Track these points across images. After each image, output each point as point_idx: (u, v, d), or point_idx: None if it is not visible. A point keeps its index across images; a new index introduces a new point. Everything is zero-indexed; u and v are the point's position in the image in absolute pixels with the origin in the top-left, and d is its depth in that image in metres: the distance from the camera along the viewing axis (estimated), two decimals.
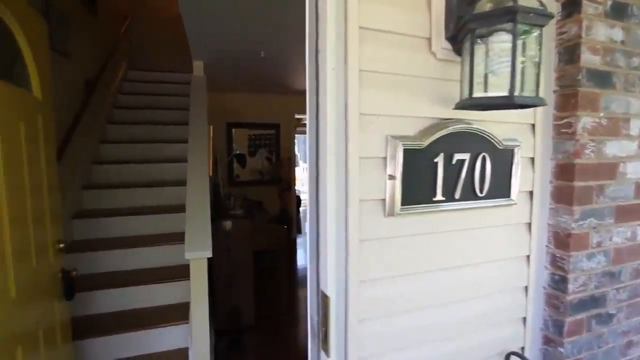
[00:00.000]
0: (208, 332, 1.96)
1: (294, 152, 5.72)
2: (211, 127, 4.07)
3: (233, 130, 5.32)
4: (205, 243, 1.84)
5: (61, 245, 1.57)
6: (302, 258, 4.72)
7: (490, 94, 0.71)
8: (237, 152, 2.99)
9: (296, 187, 5.87)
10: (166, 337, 2.16)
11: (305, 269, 3.38)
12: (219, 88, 4.87)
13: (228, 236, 2.48)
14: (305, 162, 10.55)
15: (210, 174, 2.86)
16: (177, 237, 2.51)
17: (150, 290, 2.29)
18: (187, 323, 2.17)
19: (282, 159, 5.52)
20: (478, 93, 0.72)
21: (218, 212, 2.58)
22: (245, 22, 2.45)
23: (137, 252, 2.44)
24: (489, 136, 0.89)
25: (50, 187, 1.50)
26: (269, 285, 3.50)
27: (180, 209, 2.68)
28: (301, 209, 6.20)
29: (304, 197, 9.31)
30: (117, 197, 2.80)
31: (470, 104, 0.74)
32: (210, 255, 1.82)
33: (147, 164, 3.09)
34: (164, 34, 5.25)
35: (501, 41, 0.70)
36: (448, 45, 0.83)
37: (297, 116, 5.79)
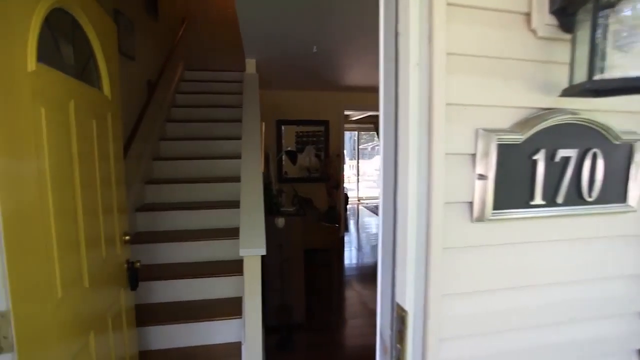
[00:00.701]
0: (261, 329, 1.96)
1: (343, 149, 5.63)
2: (263, 124, 4.14)
3: (282, 127, 5.37)
4: (259, 241, 1.84)
5: (127, 237, 1.64)
6: (349, 257, 4.64)
7: (630, 73, 0.57)
8: (289, 148, 3.00)
9: (344, 185, 5.78)
10: (220, 330, 2.20)
11: (353, 268, 3.29)
12: (269, 86, 4.94)
13: (280, 233, 2.48)
14: (351, 159, 10.45)
15: (262, 171, 2.88)
16: (232, 233, 2.56)
17: (206, 283, 2.35)
18: (241, 318, 2.20)
19: (331, 156, 5.47)
20: (603, 74, 0.58)
21: (270, 208, 2.58)
22: (298, 20, 2.42)
23: (194, 246, 2.52)
24: (601, 128, 0.74)
25: (118, 181, 1.57)
26: (320, 284, 3.48)
27: (235, 204, 2.74)
28: (348, 206, 6.10)
29: (351, 195, 9.26)
30: (175, 192, 2.93)
31: (590, 87, 0.60)
32: (264, 253, 1.81)
33: (202, 160, 3.20)
34: (217, 34, 5.44)
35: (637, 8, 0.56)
36: (553, 20, 0.70)
37: (346, 112, 5.70)
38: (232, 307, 2.24)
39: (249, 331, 1.94)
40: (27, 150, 0.89)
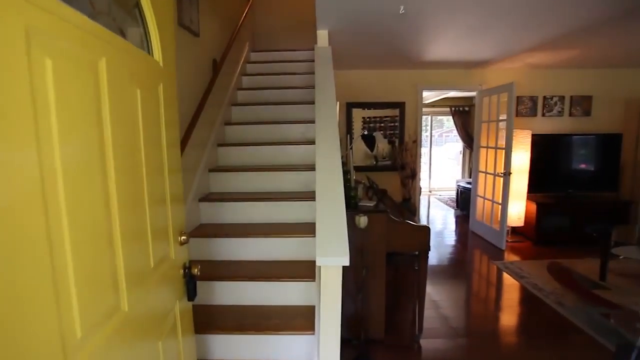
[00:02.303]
0: (339, 351, 1.58)
1: (420, 135, 5.00)
2: (338, 103, 3.75)
3: (353, 110, 4.91)
4: (341, 248, 1.43)
5: (183, 237, 1.35)
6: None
7: None
8: (365, 132, 2.58)
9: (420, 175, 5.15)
10: (289, 346, 1.87)
11: (433, 272, 2.74)
12: (339, 65, 4.49)
13: (360, 234, 2.05)
14: (422, 146, 9.59)
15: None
16: (304, 229, 2.20)
17: (272, 287, 2.04)
18: (313, 334, 1.84)
19: (406, 142, 4.88)
20: None
21: (347, 202, 2.17)
22: None
23: (261, 243, 2.22)
24: None
25: (173, 169, 1.27)
26: (403, 294, 3.01)
27: (309, 196, 2.38)
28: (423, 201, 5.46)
29: (422, 185, 8.49)
30: (241, 181, 2.67)
31: None
32: (346, 263, 1.40)
33: (271, 146, 2.89)
34: (285, 12, 5.12)
35: None
36: None
37: (425, 93, 5.03)
38: (304, 318, 1.90)
39: (324, 353, 1.57)
40: (21, 124, 0.56)
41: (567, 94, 4.95)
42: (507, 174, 4.20)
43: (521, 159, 4.59)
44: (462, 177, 8.43)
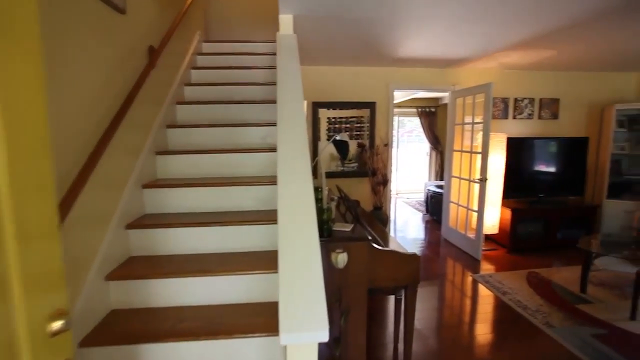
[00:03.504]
0: None
1: (391, 138, 4.66)
2: (305, 102, 3.29)
3: (320, 110, 4.47)
4: (317, 314, 0.97)
5: (58, 325, 0.81)
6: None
7: None
8: (337, 137, 2.17)
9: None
10: None
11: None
12: (303, 61, 4.02)
13: (338, 272, 1.61)
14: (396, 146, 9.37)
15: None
16: (264, 262, 1.71)
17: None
18: None
19: (377, 146, 4.52)
20: None
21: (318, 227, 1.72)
22: None
23: (208, 284, 1.71)
24: None
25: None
26: (382, 327, 2.61)
27: (269, 218, 1.90)
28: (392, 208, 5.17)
29: (392, 188, 8.24)
30: (185, 200, 2.12)
31: None
32: (326, 337, 0.95)
33: (224, 154, 2.36)
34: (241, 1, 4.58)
35: None
36: None
37: (396, 91, 4.71)
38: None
39: None
40: None
41: (536, 97, 4.86)
42: (483, 180, 3.97)
43: (496, 163, 4.41)
44: (429, 179, 8.31)
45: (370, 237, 1.77)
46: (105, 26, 1.78)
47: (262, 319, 1.55)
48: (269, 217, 1.95)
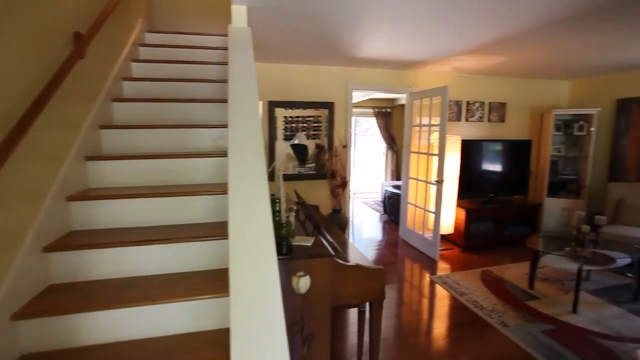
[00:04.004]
0: None
1: (350, 139, 4.59)
2: (261, 102, 3.08)
3: (276, 110, 4.26)
4: (275, 350, 0.81)
5: None
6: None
7: None
8: (296, 141, 2.02)
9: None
10: None
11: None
12: (261, 57, 3.80)
13: (298, 299, 1.45)
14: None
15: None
16: (216, 282, 1.51)
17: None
18: None
19: (335, 147, 4.42)
20: None
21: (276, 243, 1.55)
22: None
23: (140, 314, 1.46)
24: None
25: None
26: (347, 353, 2.47)
27: (221, 233, 1.69)
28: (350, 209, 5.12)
29: (355, 190, 8.20)
30: (122, 212, 1.84)
31: None
32: None
33: (167, 160, 2.10)
34: None
35: None
36: None
37: (354, 92, 4.64)
38: None
39: None
40: None
41: (486, 100, 5.07)
42: (440, 182, 4.03)
43: (452, 165, 4.52)
44: (385, 178, 8.45)
45: (333, 251, 1.64)
46: (10, 1, 1.45)
47: (213, 353, 1.35)
48: (221, 230, 1.74)
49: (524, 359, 2.39)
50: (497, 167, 4.92)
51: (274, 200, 1.55)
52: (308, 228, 2.14)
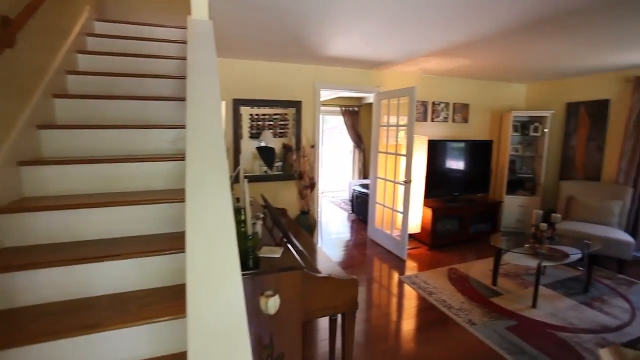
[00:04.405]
0: None
1: (319, 139, 4.51)
2: (224, 103, 2.89)
3: (241, 109, 4.08)
4: None
5: None
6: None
7: None
8: (262, 143, 1.88)
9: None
10: None
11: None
12: (225, 52, 3.61)
13: (267, 319, 1.34)
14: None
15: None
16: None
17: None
18: None
19: (303, 147, 4.32)
20: None
21: (241, 257, 1.43)
22: None
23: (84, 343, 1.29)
24: None
25: None
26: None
27: (178, 244, 1.54)
28: (319, 210, 5.06)
29: (322, 189, 8.09)
30: (66, 223, 1.62)
31: None
32: None
33: (119, 164, 1.89)
34: None
35: None
36: None
37: (322, 90, 4.55)
38: None
39: None
40: None
41: (451, 101, 5.19)
42: (408, 182, 4.06)
43: (419, 164, 4.58)
44: (352, 177, 8.47)
45: (303, 262, 1.54)
46: None
47: None
48: (181, 242, 1.59)
49: (491, 358, 2.44)
50: (461, 167, 5.06)
51: (239, 210, 1.43)
52: (276, 235, 2.03)
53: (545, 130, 5.26)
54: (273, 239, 1.94)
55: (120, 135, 2.08)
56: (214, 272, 0.95)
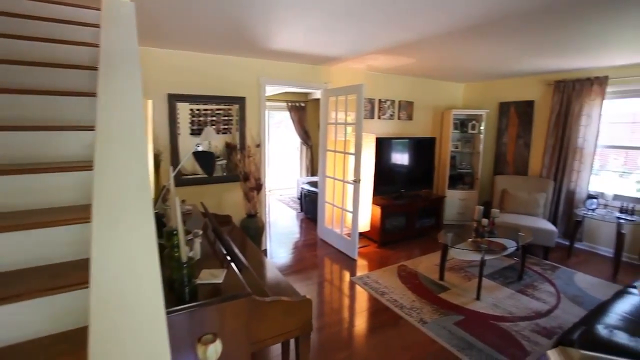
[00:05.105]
0: None
1: (265, 138, 4.27)
2: (150, 102, 2.52)
3: (177, 104, 3.69)
4: None
5: None
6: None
7: None
8: (200, 148, 1.63)
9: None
10: None
11: None
12: (157, 41, 3.20)
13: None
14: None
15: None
16: None
17: None
18: None
19: (248, 147, 4.05)
20: None
21: (172, 283, 1.20)
22: None
23: None
24: None
25: None
26: None
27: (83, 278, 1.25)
28: (267, 211, 4.85)
29: (270, 187, 7.78)
30: None
31: None
32: None
33: (15, 176, 1.51)
34: None
35: None
36: None
37: (268, 86, 4.31)
38: None
39: None
40: None
41: (396, 99, 5.26)
42: (357, 181, 4.01)
43: (367, 162, 4.56)
44: (300, 174, 8.34)
45: (250, 281, 1.35)
46: None
47: None
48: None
49: (443, 355, 2.46)
50: (407, 163, 5.17)
51: (172, 233, 1.19)
52: (219, 249, 1.80)
53: (482, 128, 5.58)
54: (216, 255, 1.71)
55: (17, 138, 1.68)
56: (129, 316, 0.74)
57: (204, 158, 1.64)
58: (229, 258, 1.60)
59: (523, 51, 3.52)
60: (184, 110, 3.76)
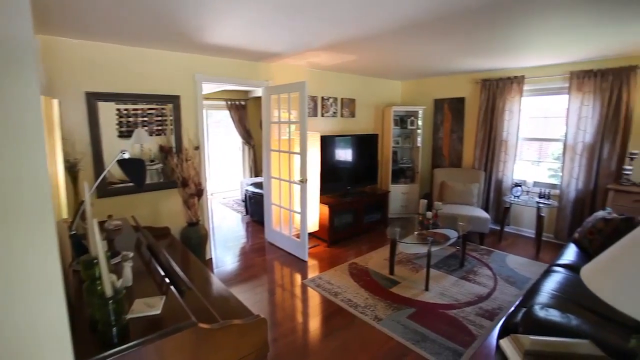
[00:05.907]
0: None
1: (204, 140, 3.97)
2: (56, 101, 2.11)
3: (99, 104, 3.24)
4: None
5: None
6: None
7: None
8: (125, 154, 1.38)
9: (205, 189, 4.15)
10: None
11: None
12: (69, 29, 2.75)
13: None
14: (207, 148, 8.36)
15: (65, 218, 1.16)
16: None
17: None
18: None
19: (185, 150, 3.72)
20: None
21: (95, 324, 0.99)
22: None
23: None
24: None
25: None
26: None
27: None
28: (210, 217, 4.57)
29: (212, 191, 7.28)
30: None
31: None
32: None
33: None
34: None
35: None
36: None
37: (205, 84, 4.01)
38: None
39: None
40: None
41: (339, 96, 5.26)
42: (303, 182, 3.92)
43: (313, 161, 4.48)
44: (244, 175, 8.03)
45: (193, 303, 1.17)
46: None
47: None
48: None
49: (400, 351, 2.48)
50: (351, 160, 5.21)
51: (92, 262, 0.97)
52: (157, 270, 1.57)
53: (420, 123, 5.84)
54: (152, 277, 1.48)
55: None
56: None
57: (132, 166, 1.39)
58: (167, 280, 1.39)
59: (454, 51, 3.71)
60: (109, 110, 3.32)
